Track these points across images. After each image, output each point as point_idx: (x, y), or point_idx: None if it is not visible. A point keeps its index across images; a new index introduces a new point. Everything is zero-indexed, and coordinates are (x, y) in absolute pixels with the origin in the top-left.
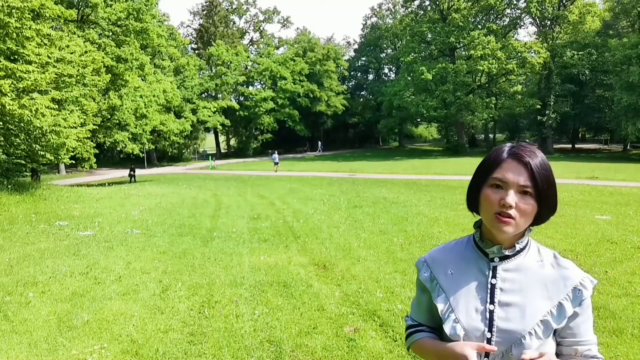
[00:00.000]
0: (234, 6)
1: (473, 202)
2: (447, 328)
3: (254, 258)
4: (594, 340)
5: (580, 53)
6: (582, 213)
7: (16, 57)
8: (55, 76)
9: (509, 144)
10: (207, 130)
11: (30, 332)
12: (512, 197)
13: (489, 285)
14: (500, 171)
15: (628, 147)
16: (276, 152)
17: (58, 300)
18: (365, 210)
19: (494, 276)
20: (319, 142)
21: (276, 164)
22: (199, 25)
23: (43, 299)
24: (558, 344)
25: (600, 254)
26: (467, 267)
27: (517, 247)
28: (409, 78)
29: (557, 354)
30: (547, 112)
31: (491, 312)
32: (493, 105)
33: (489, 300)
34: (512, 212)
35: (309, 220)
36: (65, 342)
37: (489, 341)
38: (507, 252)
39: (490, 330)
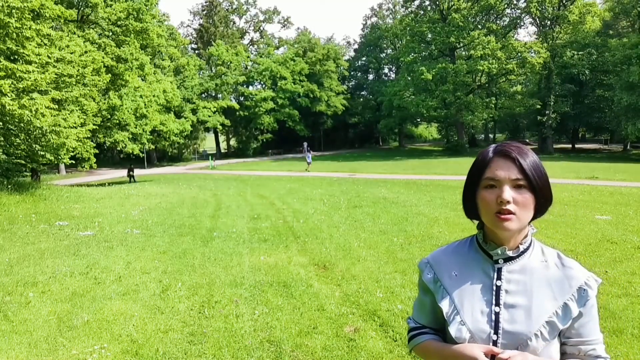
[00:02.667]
0: (234, 6)
1: (470, 209)
2: (452, 330)
3: (254, 258)
4: (599, 340)
5: (580, 53)
6: (582, 213)
7: (16, 57)
8: (55, 76)
9: (492, 145)
10: (207, 130)
11: (30, 332)
12: (507, 193)
13: (494, 287)
14: (490, 170)
15: (628, 147)
16: (310, 149)
17: (58, 300)
18: (365, 210)
19: (499, 278)
20: (305, 144)
21: (309, 163)
22: (199, 25)
23: (43, 299)
24: (563, 344)
25: (600, 254)
26: (472, 269)
27: (521, 247)
28: (409, 78)
29: (562, 354)
30: (547, 112)
31: (497, 314)
32: (493, 105)
33: (494, 302)
34: (512, 207)
35: (309, 220)
36: (65, 342)
37: (494, 343)
38: (511, 254)
39: (496, 333)
